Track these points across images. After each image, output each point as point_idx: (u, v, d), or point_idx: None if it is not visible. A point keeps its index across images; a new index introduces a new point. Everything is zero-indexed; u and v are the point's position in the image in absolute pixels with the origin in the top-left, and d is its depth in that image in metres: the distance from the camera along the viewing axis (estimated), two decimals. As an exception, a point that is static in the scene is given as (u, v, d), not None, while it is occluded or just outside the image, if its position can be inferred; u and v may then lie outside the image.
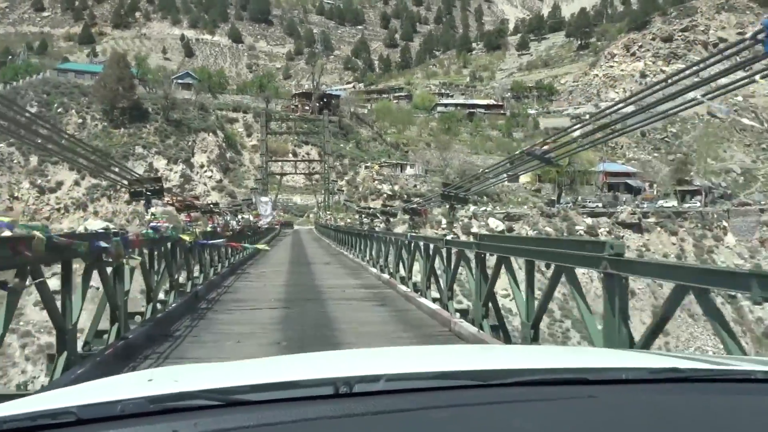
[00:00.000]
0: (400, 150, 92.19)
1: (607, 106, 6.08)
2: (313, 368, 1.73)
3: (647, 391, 1.42)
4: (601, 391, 1.39)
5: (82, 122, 75.77)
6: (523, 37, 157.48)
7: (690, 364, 1.62)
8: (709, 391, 1.44)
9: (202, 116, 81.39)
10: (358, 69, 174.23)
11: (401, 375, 1.47)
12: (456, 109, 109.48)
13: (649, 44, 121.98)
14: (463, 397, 1.34)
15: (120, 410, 1.25)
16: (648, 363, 1.69)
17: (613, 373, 1.53)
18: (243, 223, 19.39)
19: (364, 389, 1.33)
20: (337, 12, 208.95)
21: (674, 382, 1.48)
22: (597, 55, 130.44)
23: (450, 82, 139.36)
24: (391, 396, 1.33)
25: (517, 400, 1.34)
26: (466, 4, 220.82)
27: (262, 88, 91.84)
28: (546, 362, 1.78)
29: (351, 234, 22.93)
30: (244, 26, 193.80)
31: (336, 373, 1.48)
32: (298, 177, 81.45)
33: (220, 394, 1.32)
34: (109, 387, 1.64)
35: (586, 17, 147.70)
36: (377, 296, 11.54)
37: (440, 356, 2.14)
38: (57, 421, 1.23)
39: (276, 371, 1.69)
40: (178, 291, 9.77)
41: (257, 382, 1.41)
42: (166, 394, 1.32)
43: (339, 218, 32.67)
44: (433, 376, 1.47)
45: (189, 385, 1.42)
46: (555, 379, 1.45)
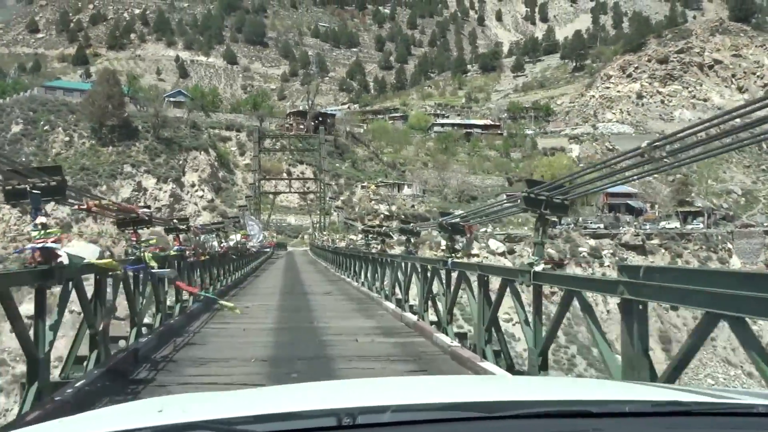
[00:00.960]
0: (396, 170, 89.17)
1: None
2: (316, 398, 1.72)
3: (650, 424, 1.44)
4: (605, 424, 1.39)
5: (69, 140, 72.42)
6: (518, 58, 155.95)
7: (692, 398, 1.63)
8: (711, 426, 1.44)
9: (193, 134, 78.20)
10: (353, 90, 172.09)
11: (406, 406, 1.45)
12: (453, 129, 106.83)
13: (645, 66, 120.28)
14: (469, 429, 1.33)
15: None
16: (651, 396, 1.69)
17: (615, 406, 1.52)
18: (226, 246, 15.84)
19: (368, 420, 1.31)
20: (332, 34, 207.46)
21: (677, 416, 1.48)
22: (593, 76, 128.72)
23: (445, 103, 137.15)
24: (394, 428, 1.30)
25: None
26: (460, 27, 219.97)
27: (256, 107, 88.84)
28: (550, 394, 1.77)
29: (354, 257, 19.61)
30: (239, 48, 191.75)
31: (339, 404, 1.46)
32: (292, 197, 78.12)
33: (225, 425, 1.31)
34: (117, 416, 1.66)
35: (581, 39, 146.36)
36: (408, 352, 8.00)
37: (445, 387, 2.11)
38: None
39: (280, 402, 1.70)
40: (106, 349, 6.40)
41: (261, 413, 1.41)
42: (172, 425, 1.30)
43: (338, 239, 29.22)
44: (438, 408, 1.46)
45: (195, 416, 1.41)
46: (560, 411, 1.46)
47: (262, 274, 25.02)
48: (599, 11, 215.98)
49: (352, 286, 18.11)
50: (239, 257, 20.37)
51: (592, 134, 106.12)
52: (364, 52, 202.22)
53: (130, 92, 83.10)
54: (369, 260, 16.32)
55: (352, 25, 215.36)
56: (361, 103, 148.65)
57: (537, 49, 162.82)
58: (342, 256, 22.96)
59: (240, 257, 20.59)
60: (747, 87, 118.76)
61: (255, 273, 24.93)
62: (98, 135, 72.11)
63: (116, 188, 67.60)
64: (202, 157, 76.10)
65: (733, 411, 1.51)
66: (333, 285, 19.51)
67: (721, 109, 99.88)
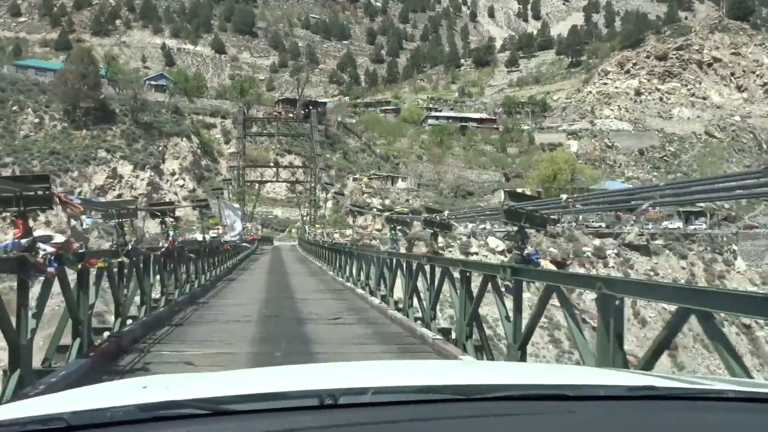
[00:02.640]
0: (390, 162, 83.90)
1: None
2: (299, 380, 1.73)
3: (624, 407, 1.45)
4: (580, 406, 1.41)
5: (39, 122, 66.31)
6: (513, 53, 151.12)
7: (666, 383, 1.65)
8: (684, 409, 1.46)
9: (175, 120, 72.39)
10: (343, 83, 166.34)
11: (386, 388, 1.47)
12: (448, 121, 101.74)
13: (643, 62, 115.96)
14: (447, 411, 1.35)
15: (110, 417, 1.24)
16: (626, 381, 1.71)
17: (591, 390, 1.54)
18: (173, 239, 10.42)
19: (349, 401, 1.33)
20: (322, 26, 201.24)
21: (651, 400, 1.49)
22: (590, 72, 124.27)
23: (438, 97, 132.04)
24: (375, 408, 1.33)
25: (499, 414, 1.35)
26: (452, 23, 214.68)
27: (243, 93, 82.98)
28: (526, 379, 1.77)
29: (368, 258, 13.88)
30: (227, 37, 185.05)
31: (322, 386, 1.48)
32: (279, 188, 72.63)
33: (208, 404, 1.32)
34: (100, 394, 1.66)
35: (578, 35, 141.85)
36: None
37: (424, 371, 2.14)
38: (47, 427, 1.21)
39: (264, 382, 1.72)
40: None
41: (245, 393, 1.43)
42: (156, 403, 1.31)
43: (336, 233, 23.79)
44: (417, 390, 1.48)
45: (179, 394, 1.42)
46: (536, 394, 1.47)
47: (239, 278, 19.75)
48: (591, 10, 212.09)
49: (368, 303, 12.36)
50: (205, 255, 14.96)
51: (590, 130, 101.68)
52: (355, 45, 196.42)
53: (108, 74, 77.01)
54: (402, 266, 10.34)
55: (343, 17, 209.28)
56: (352, 96, 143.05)
57: (531, 45, 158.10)
58: (348, 257, 16.66)
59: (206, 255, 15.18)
60: (746, 86, 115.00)
61: (230, 276, 19.60)
62: (71, 117, 66.08)
63: (89, 174, 61.76)
64: (183, 143, 70.36)
65: (705, 396, 1.53)
66: (339, 300, 13.58)
67: (720, 108, 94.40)
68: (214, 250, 16.82)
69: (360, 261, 14.58)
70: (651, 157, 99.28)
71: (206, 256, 15.26)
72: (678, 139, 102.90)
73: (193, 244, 14.43)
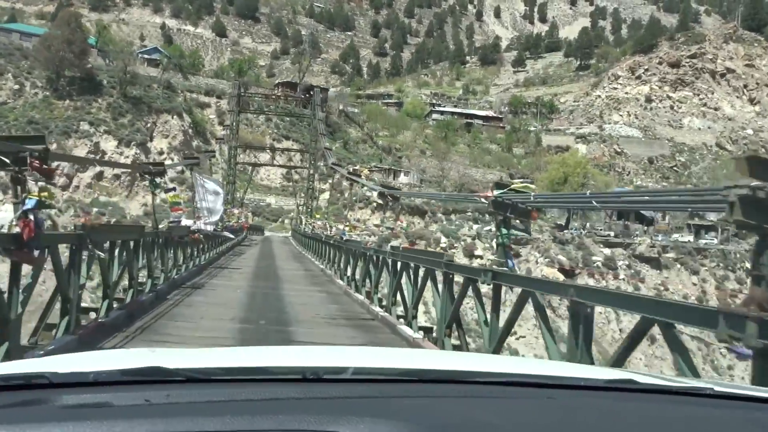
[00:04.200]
0: (392, 155, 78.73)
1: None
2: (284, 358, 1.75)
3: (603, 397, 1.45)
4: (559, 394, 1.40)
5: (18, 88, 60.66)
6: (520, 53, 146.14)
7: (646, 379, 1.63)
8: (662, 401, 1.45)
9: (167, 96, 66.83)
10: (346, 73, 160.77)
11: (367, 369, 1.47)
12: (453, 117, 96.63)
13: (655, 68, 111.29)
14: (428, 391, 1.36)
15: (92, 378, 1.23)
16: (606, 375, 1.69)
17: (571, 381, 1.54)
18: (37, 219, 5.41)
19: (330, 377, 1.34)
20: (326, 16, 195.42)
21: (630, 392, 1.48)
22: (599, 76, 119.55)
23: (442, 93, 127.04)
24: (357, 384, 1.33)
25: (480, 396, 1.36)
26: (457, 21, 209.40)
27: (242, 73, 77.43)
28: (506, 368, 1.77)
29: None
30: (229, 21, 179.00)
31: (305, 364, 1.49)
32: (274, 175, 67.31)
33: (193, 373, 1.32)
34: (86, 359, 1.65)
35: (588, 38, 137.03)
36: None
37: (406, 356, 2.18)
38: (30, 382, 1.21)
39: (250, 359, 1.72)
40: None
41: (230, 366, 1.45)
42: (140, 368, 1.31)
43: (346, 227, 18.28)
44: (398, 373, 1.48)
45: (165, 363, 1.40)
46: (516, 381, 1.46)
47: (210, 284, 13.54)
48: (598, 16, 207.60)
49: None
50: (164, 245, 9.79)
51: (600, 135, 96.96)
52: (359, 37, 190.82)
53: (98, 44, 71.31)
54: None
55: (348, 8, 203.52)
56: (354, 87, 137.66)
57: (539, 46, 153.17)
58: (383, 267, 10.79)
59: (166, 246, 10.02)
60: (759, 99, 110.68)
61: (195, 280, 13.50)
62: (54, 86, 60.48)
63: (69, 148, 56.18)
64: (174, 122, 64.85)
65: (685, 391, 1.51)
66: (366, 334, 8.55)
67: (732, 120, 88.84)
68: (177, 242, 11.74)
69: (408, 276, 9.23)
70: (660, 166, 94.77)
71: (155, 249, 10.14)
72: (688, 149, 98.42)
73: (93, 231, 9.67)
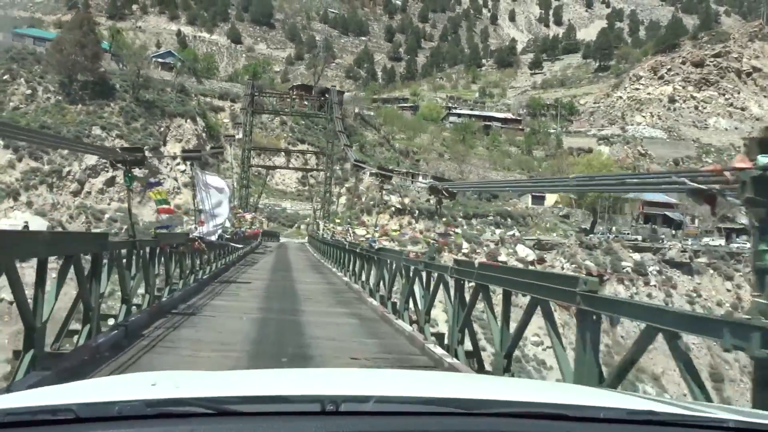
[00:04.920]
0: (410, 158, 76.35)
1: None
2: (302, 384, 1.73)
3: (624, 430, 1.42)
4: (578, 428, 1.39)
5: (31, 93, 59.24)
6: (537, 55, 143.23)
7: (666, 408, 1.60)
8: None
9: (180, 99, 65.12)
10: (360, 78, 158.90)
11: (388, 398, 1.44)
12: (471, 119, 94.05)
13: (678, 68, 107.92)
14: (449, 424, 1.33)
15: (117, 411, 1.24)
16: (625, 404, 1.64)
17: (591, 411, 1.50)
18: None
19: (350, 409, 1.31)
20: (341, 21, 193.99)
21: (650, 425, 1.45)
22: (619, 77, 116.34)
23: (458, 96, 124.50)
24: (376, 417, 1.30)
25: (500, 431, 1.34)
26: (472, 24, 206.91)
27: (256, 76, 75.62)
28: (528, 396, 1.76)
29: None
30: (244, 27, 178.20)
31: (324, 391, 1.47)
32: (289, 180, 65.23)
33: (213, 403, 1.32)
34: (110, 387, 1.69)
35: (607, 38, 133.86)
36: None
37: (425, 382, 2.13)
38: (56, 417, 1.21)
39: (268, 385, 1.74)
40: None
41: (249, 394, 1.45)
42: (163, 399, 1.32)
43: (392, 231, 15.71)
44: (420, 401, 1.46)
45: (186, 392, 1.42)
46: (536, 413, 1.45)
47: (208, 307, 10.51)
48: (615, 18, 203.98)
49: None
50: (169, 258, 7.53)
51: (623, 136, 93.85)
52: (373, 42, 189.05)
53: (112, 48, 69.85)
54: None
55: (362, 13, 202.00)
56: (368, 91, 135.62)
57: (556, 48, 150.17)
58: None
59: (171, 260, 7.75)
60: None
61: (194, 300, 10.87)
62: (67, 90, 58.99)
63: (79, 153, 54.47)
64: (188, 126, 63.07)
65: (705, 424, 1.48)
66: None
67: (760, 120, 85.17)
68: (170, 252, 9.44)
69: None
70: (686, 168, 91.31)
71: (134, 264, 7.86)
72: (715, 150, 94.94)
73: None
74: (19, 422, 1.18)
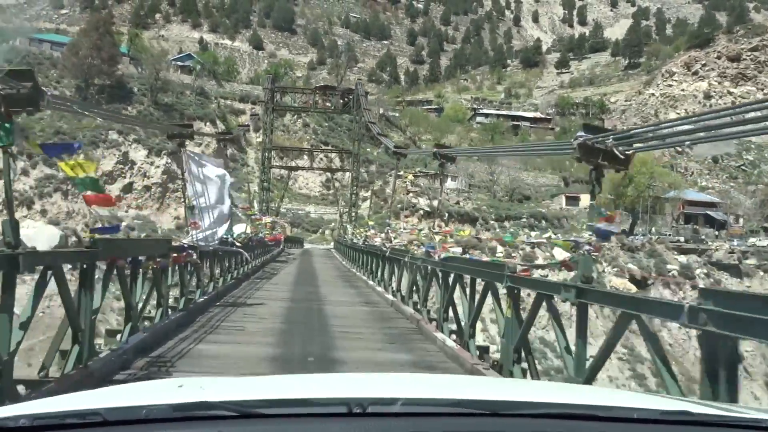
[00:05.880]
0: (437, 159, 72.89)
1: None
2: (328, 388, 1.71)
3: (657, 431, 1.38)
4: (611, 428, 1.35)
5: (47, 99, 57.10)
6: (564, 54, 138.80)
7: (701, 409, 1.55)
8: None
9: (200, 102, 62.69)
10: (383, 82, 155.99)
11: (416, 400, 1.42)
12: (498, 119, 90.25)
13: (713, 63, 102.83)
14: (478, 425, 1.31)
15: (144, 415, 1.24)
16: (658, 405, 1.58)
17: (623, 412, 1.45)
18: None
19: (377, 411, 1.29)
20: (362, 25, 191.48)
21: (685, 425, 1.41)
22: (651, 73, 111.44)
23: (483, 98, 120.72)
24: (404, 419, 1.28)
25: (531, 431, 1.31)
26: (495, 26, 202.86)
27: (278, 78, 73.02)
28: (557, 398, 1.70)
29: None
30: (266, 33, 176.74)
31: (350, 394, 1.45)
32: (312, 183, 62.25)
33: (240, 407, 1.30)
34: (136, 391, 1.70)
35: (636, 35, 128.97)
36: None
37: (454, 385, 2.10)
38: (84, 420, 1.21)
39: (293, 389, 1.69)
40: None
41: (275, 398, 1.43)
42: (189, 403, 1.31)
43: (437, 238, 12.19)
44: (447, 403, 1.42)
45: (212, 396, 1.40)
46: (567, 413, 1.40)
47: (179, 367, 6.12)
48: (641, 16, 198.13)
49: None
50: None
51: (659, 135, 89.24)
52: (395, 45, 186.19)
53: (130, 52, 67.79)
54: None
55: (383, 17, 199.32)
56: (392, 95, 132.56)
57: (582, 47, 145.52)
58: None
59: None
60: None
61: (162, 350, 6.75)
62: (83, 95, 56.83)
63: (96, 159, 52.16)
64: (207, 129, 60.50)
65: (741, 424, 1.45)
66: None
67: None
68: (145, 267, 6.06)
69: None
70: (726, 165, 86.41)
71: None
72: (756, 147, 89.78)
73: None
74: (48, 426, 1.17)
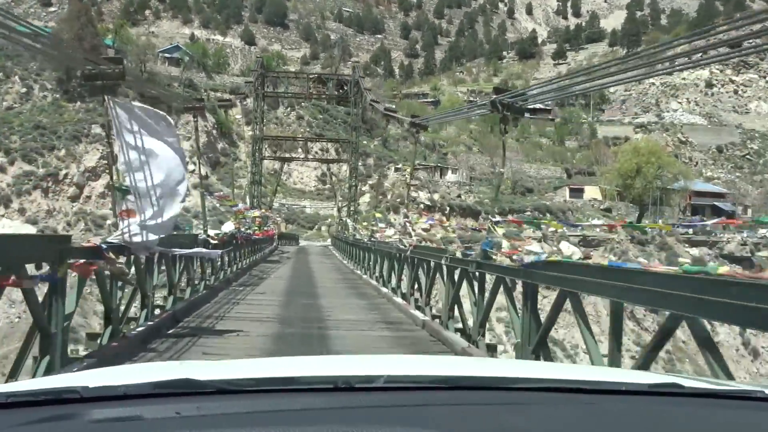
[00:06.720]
0: (437, 152, 70.03)
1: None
2: (314, 367, 1.70)
3: (647, 402, 1.36)
4: (599, 399, 1.33)
5: (26, 92, 54.00)
6: (560, 45, 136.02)
7: (691, 383, 1.53)
8: (711, 406, 1.38)
9: (189, 95, 59.27)
10: (377, 75, 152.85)
11: (400, 377, 1.40)
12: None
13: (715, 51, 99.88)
14: (463, 398, 1.30)
15: (123, 392, 1.20)
16: (649, 380, 1.57)
17: (611, 386, 1.45)
18: None
19: (362, 386, 1.29)
20: (355, 20, 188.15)
21: (674, 396, 1.39)
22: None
23: (479, 90, 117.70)
24: (389, 392, 1.28)
25: (516, 403, 1.29)
26: (488, 19, 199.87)
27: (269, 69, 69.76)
28: (545, 374, 1.71)
29: None
30: (258, 29, 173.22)
31: (336, 373, 1.45)
32: (308, 178, 59.21)
33: (224, 384, 1.28)
34: (115, 373, 1.66)
35: (634, 24, 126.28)
36: None
37: (440, 364, 2.09)
38: (61, 397, 1.18)
39: (278, 369, 1.66)
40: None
41: (260, 376, 1.41)
42: (171, 380, 1.28)
43: (496, 227, 9.31)
44: (431, 380, 1.40)
45: (195, 375, 1.37)
46: (553, 387, 1.39)
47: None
48: (635, 7, 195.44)
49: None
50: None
51: (660, 124, 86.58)
52: (389, 39, 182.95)
53: (115, 44, 64.42)
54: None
55: (376, 11, 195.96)
56: (387, 88, 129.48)
57: (578, 37, 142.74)
58: None
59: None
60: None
61: None
62: (64, 88, 53.59)
63: (79, 154, 49.08)
64: (196, 122, 57.27)
65: (730, 395, 1.42)
66: None
67: None
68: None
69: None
70: (731, 155, 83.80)
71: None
72: (760, 135, 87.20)
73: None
74: (23, 403, 1.13)
